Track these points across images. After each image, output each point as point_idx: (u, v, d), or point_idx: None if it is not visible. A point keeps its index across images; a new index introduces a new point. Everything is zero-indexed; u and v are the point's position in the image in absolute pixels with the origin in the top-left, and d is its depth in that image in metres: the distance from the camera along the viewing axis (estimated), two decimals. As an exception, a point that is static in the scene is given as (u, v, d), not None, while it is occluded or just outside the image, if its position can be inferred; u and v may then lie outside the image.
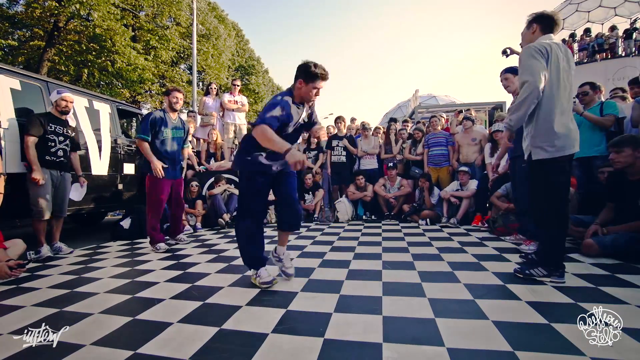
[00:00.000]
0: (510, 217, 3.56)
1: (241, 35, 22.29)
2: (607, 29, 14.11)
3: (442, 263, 2.57)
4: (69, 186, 3.52)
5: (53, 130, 3.27)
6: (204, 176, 5.47)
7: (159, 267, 2.76)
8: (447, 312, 1.66)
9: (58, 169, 3.34)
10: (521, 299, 1.80)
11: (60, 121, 3.36)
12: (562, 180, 2.05)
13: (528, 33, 2.17)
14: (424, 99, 16.51)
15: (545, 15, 2.12)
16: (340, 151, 5.77)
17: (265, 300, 1.92)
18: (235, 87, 6.49)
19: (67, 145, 3.43)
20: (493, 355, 1.26)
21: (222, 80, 17.71)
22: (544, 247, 2.15)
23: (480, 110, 9.64)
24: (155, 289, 2.18)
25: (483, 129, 5.31)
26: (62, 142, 3.36)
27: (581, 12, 16.06)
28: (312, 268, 2.54)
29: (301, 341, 1.42)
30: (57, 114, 3.35)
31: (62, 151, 3.37)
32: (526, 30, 2.19)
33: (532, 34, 2.14)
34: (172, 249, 3.46)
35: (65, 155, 3.41)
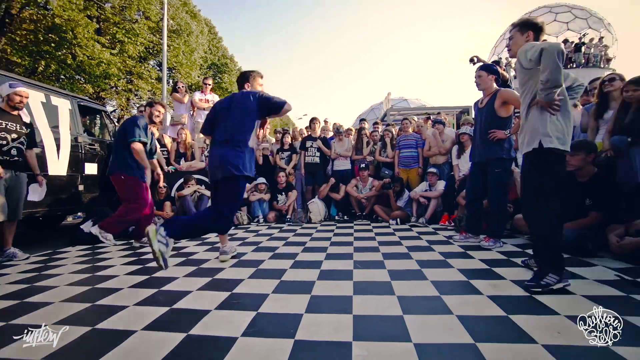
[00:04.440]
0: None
1: (214, 33, 21.76)
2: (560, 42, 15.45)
3: (411, 261, 2.64)
4: (24, 187, 3.28)
5: (4, 127, 3.04)
6: (173, 177, 5.29)
7: (123, 272, 2.63)
8: (415, 308, 1.71)
9: (12, 169, 3.11)
10: (483, 293, 1.90)
11: (12, 117, 3.12)
12: (562, 174, 2.13)
13: (522, 38, 2.24)
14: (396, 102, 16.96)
15: (539, 25, 2.23)
16: (314, 152, 5.79)
17: (235, 304, 1.88)
18: (206, 86, 6.34)
19: (22, 143, 3.20)
20: (456, 348, 1.32)
21: (193, 79, 17.22)
22: (547, 251, 2.04)
23: (449, 113, 10.04)
24: (117, 296, 2.08)
25: (452, 131, 5.53)
26: (15, 139, 3.12)
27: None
28: (283, 269, 2.53)
29: (271, 343, 1.41)
30: (8, 109, 3.11)
31: (16, 150, 3.13)
32: (520, 35, 2.25)
33: (526, 40, 2.23)
34: (137, 253, 3.31)
35: (19, 153, 3.17)
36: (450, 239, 3.49)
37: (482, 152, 3.22)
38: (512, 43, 2.31)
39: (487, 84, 3.22)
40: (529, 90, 2.15)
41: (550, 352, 1.25)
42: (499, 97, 3.10)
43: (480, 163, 3.26)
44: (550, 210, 2.05)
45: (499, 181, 3.12)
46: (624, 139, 2.92)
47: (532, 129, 2.10)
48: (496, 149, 3.12)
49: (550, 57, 1.89)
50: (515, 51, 2.25)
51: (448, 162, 5.10)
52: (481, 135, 3.21)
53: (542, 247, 2.07)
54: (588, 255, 2.62)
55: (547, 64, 1.91)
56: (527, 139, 2.13)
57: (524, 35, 2.23)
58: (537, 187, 2.09)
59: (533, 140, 2.08)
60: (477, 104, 3.43)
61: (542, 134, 2.04)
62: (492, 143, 3.12)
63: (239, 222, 5.11)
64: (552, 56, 1.89)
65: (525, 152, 2.17)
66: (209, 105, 6.24)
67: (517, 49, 2.22)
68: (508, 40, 2.36)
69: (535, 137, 2.07)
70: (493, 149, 3.12)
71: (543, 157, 2.05)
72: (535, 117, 2.10)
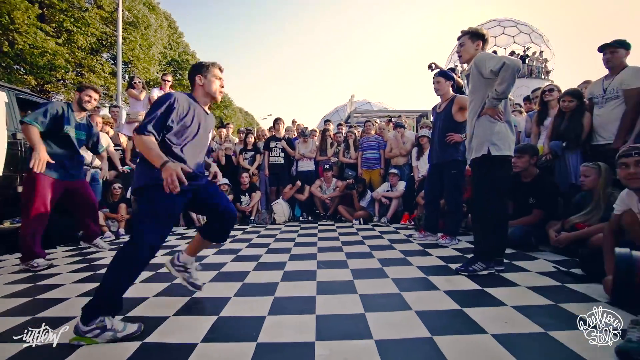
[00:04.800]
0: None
1: (174, 27, 20.80)
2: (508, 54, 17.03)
3: (373, 260, 2.72)
4: None
5: None
6: (129, 177, 4.98)
7: (70, 280, 2.44)
8: (376, 306, 1.76)
9: None
10: (439, 288, 2.00)
11: None
12: (506, 176, 2.34)
13: (473, 46, 2.39)
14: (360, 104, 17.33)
15: (487, 37, 2.43)
16: (278, 152, 5.75)
17: (195, 309, 1.82)
18: (165, 83, 6.04)
19: None
20: (414, 342, 1.38)
21: (152, 74, 16.32)
22: (483, 243, 2.30)
23: (409, 117, 10.45)
24: (63, 307, 1.92)
25: (412, 134, 5.75)
26: None
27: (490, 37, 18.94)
28: (246, 272, 2.49)
29: (233, 348, 1.39)
30: None
31: None
32: (471, 43, 2.40)
33: (476, 49, 2.39)
34: (89, 259, 3.08)
35: None
36: (410, 238, 3.64)
37: (439, 154, 3.39)
38: (463, 50, 2.45)
39: (445, 89, 3.40)
40: (480, 98, 2.31)
41: (499, 340, 1.36)
42: (456, 102, 3.29)
43: (437, 165, 3.43)
44: (497, 210, 2.28)
45: (455, 182, 3.30)
46: (559, 143, 3.24)
47: (481, 137, 2.28)
48: (452, 151, 3.30)
49: (511, 73, 2.08)
50: (467, 58, 2.42)
51: (408, 163, 5.30)
52: (439, 138, 3.39)
53: (480, 241, 2.32)
54: (532, 249, 2.87)
55: (507, 79, 2.09)
56: (476, 146, 2.32)
57: (474, 44, 2.39)
58: (485, 190, 2.29)
59: (482, 147, 2.27)
60: (435, 108, 3.61)
61: (490, 141, 2.24)
62: (449, 146, 3.30)
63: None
64: (512, 72, 2.08)
65: (473, 158, 2.35)
66: (168, 102, 5.96)
67: (469, 56, 2.40)
68: (459, 46, 2.48)
69: (484, 145, 2.26)
70: (449, 151, 3.30)
71: (490, 163, 2.26)
72: (483, 125, 2.28)
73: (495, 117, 2.25)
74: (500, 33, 19.01)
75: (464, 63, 2.51)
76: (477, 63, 2.27)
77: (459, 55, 2.51)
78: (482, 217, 2.34)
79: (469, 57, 2.41)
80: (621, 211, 1.89)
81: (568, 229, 2.60)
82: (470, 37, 2.40)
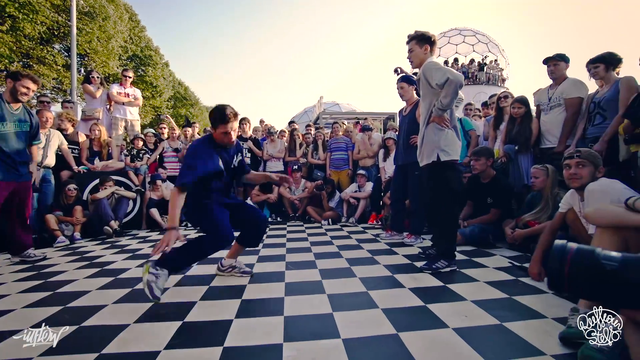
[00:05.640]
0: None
1: (136, 21, 19.71)
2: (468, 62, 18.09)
3: (341, 260, 2.76)
4: None
5: None
6: (85, 178, 4.67)
7: (16, 290, 2.23)
8: (344, 305, 1.79)
9: None
10: (405, 286, 2.07)
11: None
12: (457, 178, 2.50)
13: (422, 51, 2.45)
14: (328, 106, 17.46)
15: (433, 39, 2.48)
16: (245, 153, 5.65)
17: (158, 315, 1.75)
18: (126, 79, 5.73)
19: None
20: (380, 339, 1.42)
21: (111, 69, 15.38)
22: (443, 242, 2.42)
23: (377, 119, 10.71)
24: (7, 319, 1.75)
25: (379, 135, 5.90)
26: None
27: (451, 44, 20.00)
28: (213, 275, 2.42)
29: (198, 353, 1.35)
30: None
31: None
32: (419, 48, 2.45)
33: (425, 53, 2.45)
34: (38, 266, 2.84)
35: None
36: (377, 237, 3.73)
37: (404, 156, 3.51)
38: (412, 55, 2.50)
39: (409, 94, 3.53)
40: (428, 105, 2.46)
41: (459, 334, 1.43)
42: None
43: (402, 166, 3.55)
44: (449, 210, 2.43)
45: (418, 183, 3.43)
46: (512, 147, 3.48)
47: (430, 144, 2.43)
48: (416, 153, 3.43)
49: (454, 88, 2.21)
50: (418, 63, 2.49)
51: (375, 164, 5.43)
52: (404, 140, 3.51)
53: (440, 241, 2.45)
54: (489, 246, 3.06)
55: (450, 93, 2.23)
56: (427, 153, 2.47)
57: (422, 48, 2.46)
58: (439, 194, 2.44)
59: (432, 154, 2.42)
60: (401, 111, 3.74)
61: (439, 148, 2.39)
62: (413, 148, 3.41)
63: (165, 226, 4.73)
64: (455, 87, 2.21)
65: (424, 164, 2.51)
66: (129, 100, 5.66)
67: (419, 61, 2.47)
68: (408, 52, 2.51)
69: (434, 151, 2.41)
70: (413, 153, 3.42)
71: (440, 168, 2.41)
72: (432, 133, 2.43)
73: (442, 124, 2.37)
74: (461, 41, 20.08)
75: (415, 68, 2.59)
76: (425, 72, 2.36)
77: (410, 61, 2.55)
78: (439, 219, 2.47)
79: (420, 62, 2.47)
80: (565, 209, 2.07)
81: (521, 226, 2.80)
82: (418, 41, 2.45)
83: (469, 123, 4.35)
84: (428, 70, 2.34)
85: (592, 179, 1.90)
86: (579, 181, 1.95)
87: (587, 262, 0.94)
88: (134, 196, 4.89)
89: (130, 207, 4.88)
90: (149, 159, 5.40)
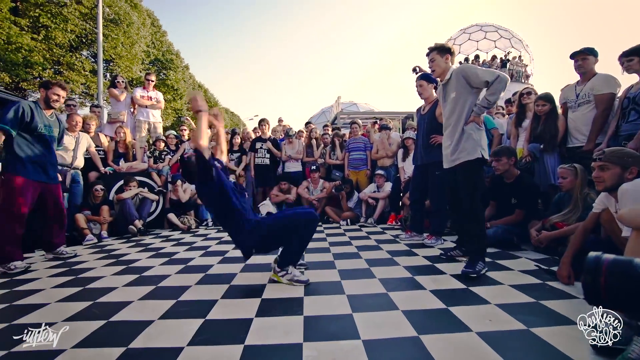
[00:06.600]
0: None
1: (157, 26, 20.38)
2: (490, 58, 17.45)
3: (360, 261, 2.74)
4: None
5: None
6: (111, 179, 4.85)
7: (50, 285, 2.35)
8: (363, 306, 1.77)
9: None
10: (426, 288, 2.03)
11: None
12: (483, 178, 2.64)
13: (443, 60, 2.58)
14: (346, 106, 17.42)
15: (452, 50, 2.64)
16: (264, 153, 5.72)
17: (181, 312, 1.79)
18: (149, 82, 5.91)
19: None
20: (401, 342, 1.40)
21: (134, 73, 15.93)
22: (482, 241, 2.36)
23: (395, 118, 10.58)
24: (42, 312, 1.85)
25: (398, 135, 5.83)
26: None
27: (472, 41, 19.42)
28: (233, 274, 2.46)
29: (220, 351, 1.37)
30: None
31: None
32: (440, 57, 2.58)
33: (446, 62, 2.58)
34: (69, 263, 2.98)
35: None
36: (396, 238, 3.68)
37: (423, 155, 3.45)
38: (434, 65, 2.63)
39: (428, 92, 3.47)
40: (464, 106, 2.45)
41: (483, 338, 1.39)
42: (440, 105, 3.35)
43: (422, 166, 3.49)
44: (482, 209, 2.44)
45: (439, 183, 3.37)
46: (537, 146, 3.35)
47: (472, 142, 2.42)
48: (436, 152, 3.36)
49: (504, 85, 2.30)
50: (440, 72, 2.62)
51: (394, 164, 5.36)
52: (423, 140, 3.44)
53: (478, 241, 2.36)
54: (514, 248, 2.96)
55: (499, 90, 2.31)
56: (469, 150, 2.42)
57: (443, 58, 2.59)
58: (474, 192, 2.40)
59: (474, 151, 2.41)
60: (419, 110, 3.67)
61: (481, 146, 2.42)
62: (433, 147, 3.35)
63: (187, 225, 4.84)
64: (505, 84, 2.31)
65: (463, 161, 2.44)
66: (152, 103, 5.85)
67: (441, 70, 2.60)
68: (430, 62, 2.65)
69: (476, 149, 2.41)
70: (434, 152, 3.36)
71: (477, 166, 2.43)
72: (473, 132, 2.44)
73: (480, 124, 2.46)
74: (482, 37, 19.53)
75: (437, 77, 2.73)
76: (467, 73, 2.43)
77: (432, 70, 2.69)
78: (474, 218, 2.40)
79: (442, 71, 2.61)
80: (600, 209, 1.98)
81: (548, 228, 2.69)
82: (439, 52, 2.60)
83: (491, 121, 4.22)
84: (470, 70, 2.42)
85: (618, 180, 1.80)
86: (602, 184, 1.87)
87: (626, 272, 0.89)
88: (156, 198, 5.04)
89: (153, 207, 5.03)
90: (171, 160, 5.55)
